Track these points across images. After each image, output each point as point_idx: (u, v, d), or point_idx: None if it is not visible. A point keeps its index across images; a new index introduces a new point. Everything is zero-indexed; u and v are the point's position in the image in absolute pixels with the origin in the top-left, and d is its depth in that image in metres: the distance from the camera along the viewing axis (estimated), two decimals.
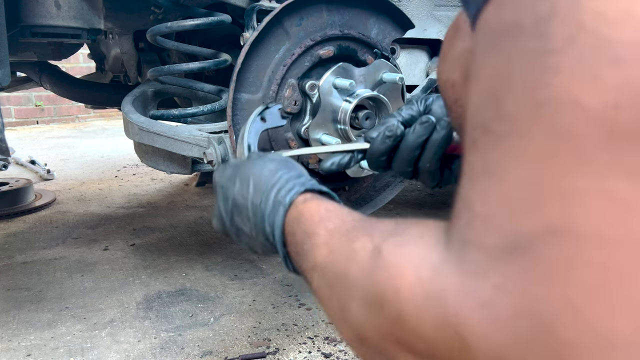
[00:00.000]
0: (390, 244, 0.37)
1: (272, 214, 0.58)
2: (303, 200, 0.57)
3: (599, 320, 0.23)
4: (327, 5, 1.20)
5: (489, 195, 0.29)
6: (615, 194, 0.23)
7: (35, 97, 5.05)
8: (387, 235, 0.38)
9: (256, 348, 1.16)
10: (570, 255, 0.24)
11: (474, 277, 0.27)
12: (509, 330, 0.25)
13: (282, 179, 0.60)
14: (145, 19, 1.61)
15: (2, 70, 1.09)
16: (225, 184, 0.67)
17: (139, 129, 1.31)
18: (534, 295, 0.24)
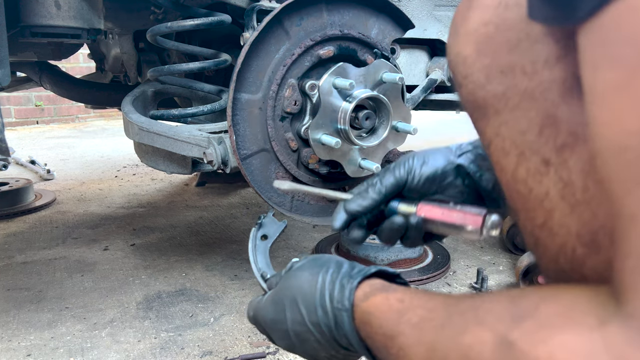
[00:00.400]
0: (524, 333, 0.32)
1: (338, 326, 0.54)
2: (364, 297, 0.53)
3: None
4: (327, 5, 1.20)
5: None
6: None
7: (35, 97, 5.05)
8: (510, 321, 0.34)
9: (256, 348, 1.16)
10: None
11: None
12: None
13: (327, 281, 0.57)
14: (145, 19, 1.61)
15: (2, 70, 1.09)
16: (273, 319, 0.63)
17: (139, 129, 1.31)
18: None
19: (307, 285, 0.59)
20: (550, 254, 0.43)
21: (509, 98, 0.44)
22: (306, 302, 0.58)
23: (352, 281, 0.55)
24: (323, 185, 1.31)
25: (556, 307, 0.32)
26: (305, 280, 0.59)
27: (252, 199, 2.38)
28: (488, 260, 1.67)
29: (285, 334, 0.62)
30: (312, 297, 0.57)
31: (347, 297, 0.54)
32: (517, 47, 0.43)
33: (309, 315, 0.57)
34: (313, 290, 0.58)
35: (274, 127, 1.20)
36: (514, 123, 0.44)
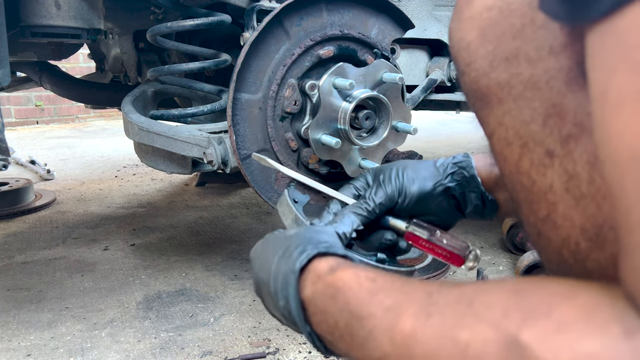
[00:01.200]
0: (540, 336, 0.29)
1: (284, 286, 0.52)
2: (329, 270, 0.50)
3: None
4: (327, 5, 1.20)
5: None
6: None
7: (35, 97, 5.05)
8: (520, 319, 0.32)
9: (256, 348, 1.16)
10: None
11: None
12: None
13: (294, 244, 0.54)
14: (145, 19, 1.61)
15: (2, 70, 1.09)
16: (251, 260, 0.64)
17: (139, 129, 1.31)
18: None
19: (275, 243, 0.58)
20: (553, 247, 0.42)
21: (512, 86, 0.42)
22: (266, 257, 0.57)
23: (313, 251, 0.52)
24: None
25: (573, 308, 0.29)
26: (280, 238, 0.59)
27: (252, 199, 2.38)
28: (488, 260, 1.67)
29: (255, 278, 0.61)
30: (270, 254, 0.56)
31: (300, 260, 0.51)
32: (522, 33, 0.41)
33: (260, 267, 0.57)
34: (275, 248, 0.57)
35: (274, 127, 1.20)
36: (517, 112, 0.42)
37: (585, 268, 0.39)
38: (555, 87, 0.40)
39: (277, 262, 0.54)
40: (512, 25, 0.42)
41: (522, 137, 0.42)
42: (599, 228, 0.38)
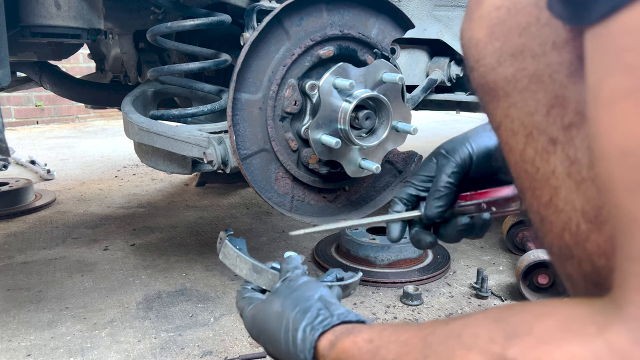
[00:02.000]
0: (524, 350, 0.32)
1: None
2: (330, 347, 0.54)
3: None
4: (327, 5, 1.20)
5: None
6: None
7: (35, 97, 5.05)
8: (504, 340, 0.34)
9: (256, 348, 1.16)
10: None
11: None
12: None
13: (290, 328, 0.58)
14: (145, 19, 1.61)
15: (2, 70, 1.09)
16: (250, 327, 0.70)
17: (139, 129, 1.31)
18: None
19: (275, 323, 0.62)
20: (556, 231, 0.44)
21: (518, 80, 0.45)
22: (274, 340, 0.61)
23: (314, 333, 0.56)
24: (323, 185, 1.31)
25: (552, 321, 0.32)
26: (274, 316, 0.63)
27: (252, 199, 2.38)
28: (488, 260, 1.67)
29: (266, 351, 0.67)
30: (278, 339, 0.60)
31: (307, 349, 0.55)
32: (527, 30, 0.44)
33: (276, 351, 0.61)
34: (279, 332, 0.61)
35: (274, 127, 1.20)
36: (522, 104, 0.45)
37: (585, 250, 0.41)
38: (557, 79, 0.42)
39: (285, 348, 0.59)
40: (519, 23, 0.44)
41: (526, 127, 0.45)
42: (598, 210, 0.40)
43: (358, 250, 1.55)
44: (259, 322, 0.67)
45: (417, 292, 1.37)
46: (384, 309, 1.35)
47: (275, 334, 0.61)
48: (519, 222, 1.69)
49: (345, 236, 1.60)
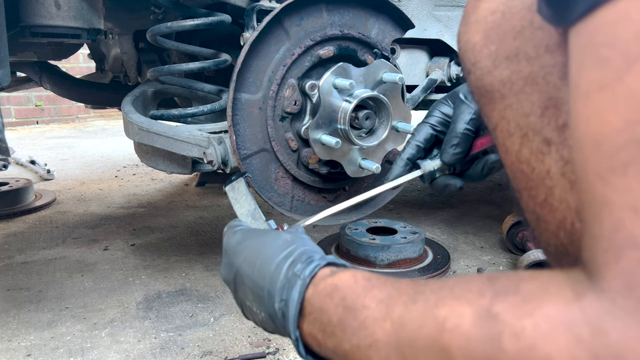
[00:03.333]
0: (508, 306, 0.33)
1: (285, 289, 0.54)
2: (331, 273, 0.53)
3: None
4: (327, 5, 1.20)
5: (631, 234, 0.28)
6: None
7: (35, 97, 5.05)
8: (492, 296, 0.35)
9: (256, 348, 1.16)
10: None
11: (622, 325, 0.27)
12: None
13: (297, 250, 0.57)
14: (145, 19, 1.61)
15: (2, 70, 1.09)
16: (232, 250, 0.64)
17: (139, 129, 1.31)
18: None
19: (280, 243, 0.59)
20: (551, 230, 0.45)
21: (513, 82, 0.46)
22: (266, 255, 0.58)
23: (322, 261, 0.55)
24: (323, 185, 1.31)
25: (535, 284, 0.34)
26: (281, 239, 0.60)
27: None
28: (488, 260, 1.67)
29: (231, 267, 0.63)
30: (275, 256, 0.57)
31: (311, 269, 0.54)
32: (521, 33, 0.45)
33: (261, 266, 0.58)
34: (279, 250, 0.58)
35: (274, 127, 1.20)
36: (518, 106, 0.46)
37: (579, 248, 0.41)
38: (551, 81, 0.43)
39: (278, 265, 0.56)
40: (513, 27, 0.46)
41: (522, 128, 0.46)
42: None
43: (358, 250, 1.55)
44: (249, 242, 0.63)
45: None
46: None
47: (270, 257, 0.58)
48: (519, 222, 1.69)
49: (345, 236, 1.60)
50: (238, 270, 0.61)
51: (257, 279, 0.58)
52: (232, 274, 0.63)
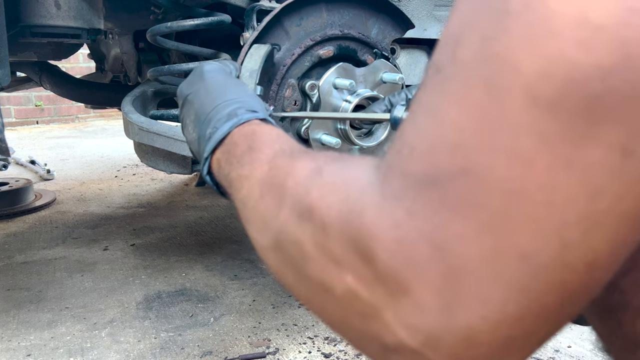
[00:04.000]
0: (333, 167, 0.37)
1: (221, 121, 0.59)
2: (259, 122, 0.58)
3: (483, 252, 0.27)
4: (327, 5, 1.20)
5: (422, 129, 0.31)
6: (523, 153, 0.26)
7: (35, 97, 5.05)
8: (332, 160, 0.39)
9: (256, 348, 1.16)
10: (472, 196, 0.27)
11: (392, 199, 0.30)
12: (410, 250, 0.28)
13: (249, 103, 0.61)
14: (145, 19, 1.61)
15: (2, 70, 1.09)
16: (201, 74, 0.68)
17: (139, 129, 1.31)
18: (437, 223, 0.28)
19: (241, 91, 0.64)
20: None
21: None
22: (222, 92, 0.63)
23: (263, 116, 0.60)
24: None
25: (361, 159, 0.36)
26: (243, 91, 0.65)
27: None
28: None
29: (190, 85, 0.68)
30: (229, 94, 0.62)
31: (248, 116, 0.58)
32: None
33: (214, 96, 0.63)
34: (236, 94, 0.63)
35: None
36: None
37: None
38: None
39: (227, 103, 0.61)
40: None
41: None
42: None
43: None
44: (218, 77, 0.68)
45: None
46: None
47: (225, 95, 0.62)
48: None
49: None
50: (196, 91, 0.66)
51: (205, 106, 0.62)
52: (189, 92, 0.67)
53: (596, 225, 0.26)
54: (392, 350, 0.30)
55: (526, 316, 0.27)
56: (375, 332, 0.30)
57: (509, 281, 0.26)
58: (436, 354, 0.28)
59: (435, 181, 0.28)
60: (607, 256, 0.27)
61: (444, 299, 0.27)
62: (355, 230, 0.31)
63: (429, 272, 0.27)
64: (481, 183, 0.27)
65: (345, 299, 0.32)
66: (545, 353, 1.15)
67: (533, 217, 0.26)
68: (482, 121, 0.28)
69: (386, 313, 0.29)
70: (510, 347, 0.28)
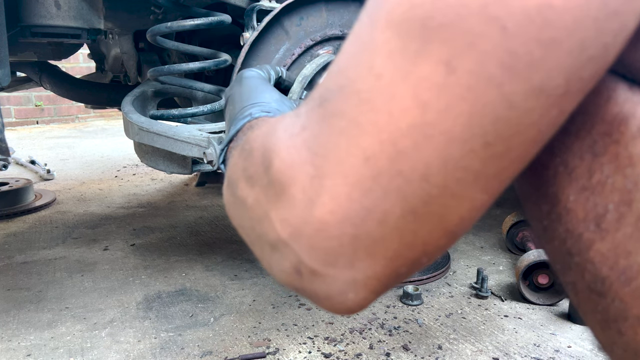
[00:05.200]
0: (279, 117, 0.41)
1: (239, 119, 0.65)
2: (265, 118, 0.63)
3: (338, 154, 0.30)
4: (326, 5, 1.20)
5: (333, 63, 0.34)
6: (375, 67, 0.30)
7: (35, 97, 5.05)
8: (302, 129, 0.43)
9: (256, 348, 1.16)
10: (339, 107, 0.31)
11: (295, 118, 0.35)
12: (295, 156, 0.32)
13: (269, 104, 0.67)
14: (145, 19, 1.61)
15: (2, 70, 1.09)
16: (240, 80, 0.77)
17: (139, 129, 1.31)
18: (315, 132, 0.32)
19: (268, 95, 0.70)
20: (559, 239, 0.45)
21: None
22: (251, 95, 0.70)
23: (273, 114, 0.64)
24: None
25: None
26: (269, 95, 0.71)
27: None
28: (488, 260, 1.67)
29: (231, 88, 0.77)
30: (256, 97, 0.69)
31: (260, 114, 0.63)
32: None
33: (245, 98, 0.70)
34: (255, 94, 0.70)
35: None
36: None
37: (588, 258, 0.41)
38: None
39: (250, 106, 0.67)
40: None
41: None
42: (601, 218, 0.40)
43: None
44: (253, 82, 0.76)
45: (417, 292, 1.37)
46: (384, 308, 1.35)
47: (251, 98, 0.69)
48: (519, 222, 1.69)
49: None
50: (232, 95, 0.74)
51: (237, 107, 0.69)
52: (229, 94, 0.76)
53: (425, 138, 0.28)
54: (274, 247, 0.34)
55: (367, 218, 0.30)
56: (265, 231, 0.34)
57: (353, 181, 0.30)
58: (298, 244, 0.32)
59: (324, 99, 0.32)
60: (442, 174, 0.29)
61: (307, 194, 0.31)
62: (266, 147, 0.36)
63: (302, 172, 0.31)
64: (347, 95, 0.31)
65: (251, 207, 0.36)
66: (545, 353, 1.15)
67: (375, 123, 0.29)
68: (358, 44, 0.31)
69: (271, 212, 0.34)
70: (358, 250, 0.30)
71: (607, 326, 0.39)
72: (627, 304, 0.36)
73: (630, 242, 0.35)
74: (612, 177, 0.35)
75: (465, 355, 1.14)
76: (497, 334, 1.23)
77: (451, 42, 0.27)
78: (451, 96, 0.28)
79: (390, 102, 0.29)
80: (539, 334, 1.23)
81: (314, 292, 0.34)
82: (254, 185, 0.36)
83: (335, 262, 0.31)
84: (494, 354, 1.14)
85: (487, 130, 0.28)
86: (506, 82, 0.27)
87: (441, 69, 0.28)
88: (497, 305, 1.38)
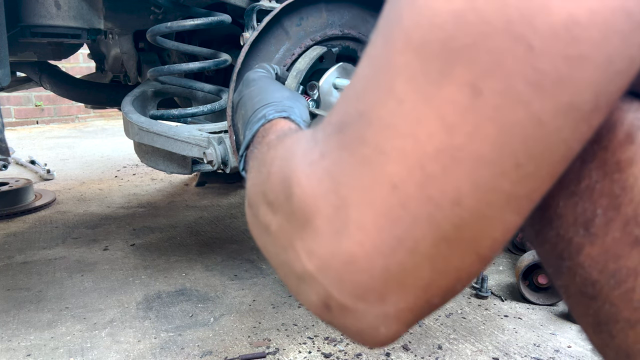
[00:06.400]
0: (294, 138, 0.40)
1: (252, 123, 0.65)
2: (281, 120, 0.62)
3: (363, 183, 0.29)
4: (327, 5, 1.20)
5: (348, 87, 0.34)
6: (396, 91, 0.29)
7: (35, 97, 5.05)
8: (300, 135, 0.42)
9: (256, 348, 1.16)
10: (361, 133, 0.30)
11: (313, 145, 0.34)
12: (317, 185, 0.31)
13: (282, 104, 0.66)
14: (145, 19, 1.61)
15: (2, 70, 1.09)
16: (247, 82, 0.77)
17: (139, 129, 1.31)
18: (335, 160, 0.31)
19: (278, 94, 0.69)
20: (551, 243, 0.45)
21: None
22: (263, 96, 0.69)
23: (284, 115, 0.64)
24: None
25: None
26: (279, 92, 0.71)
27: None
28: None
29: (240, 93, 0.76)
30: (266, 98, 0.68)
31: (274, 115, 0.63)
32: None
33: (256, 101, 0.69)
34: (269, 95, 0.69)
35: None
36: None
37: (579, 262, 0.41)
38: None
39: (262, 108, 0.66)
40: None
41: None
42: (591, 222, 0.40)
43: None
44: (261, 83, 0.75)
45: None
46: None
47: (263, 100, 0.68)
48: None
49: None
50: (242, 97, 0.73)
51: (249, 111, 0.69)
52: (238, 99, 0.75)
53: (454, 161, 0.27)
54: (301, 278, 0.33)
55: (397, 247, 0.28)
56: (291, 261, 0.33)
57: (381, 209, 0.29)
58: (326, 278, 0.31)
59: (344, 126, 0.31)
60: (473, 197, 0.28)
61: (334, 225, 0.30)
62: (285, 174, 0.35)
63: (325, 202, 0.30)
64: (368, 121, 0.30)
65: (275, 234, 0.36)
66: (545, 353, 1.15)
67: (400, 149, 0.28)
68: (375, 67, 0.31)
69: (296, 242, 0.32)
70: (389, 282, 0.29)
71: (599, 329, 0.39)
72: (618, 307, 0.36)
73: (619, 246, 0.35)
74: (601, 183, 0.35)
75: (465, 355, 1.14)
76: (497, 334, 1.23)
77: (475, 63, 0.27)
78: (478, 117, 0.27)
79: (415, 127, 0.28)
80: (539, 334, 1.23)
81: (344, 326, 0.33)
82: (276, 212, 0.35)
83: (366, 295, 0.30)
84: (494, 354, 1.14)
85: (517, 150, 0.27)
86: (534, 100, 0.26)
87: (466, 90, 0.27)
88: (497, 305, 1.38)
